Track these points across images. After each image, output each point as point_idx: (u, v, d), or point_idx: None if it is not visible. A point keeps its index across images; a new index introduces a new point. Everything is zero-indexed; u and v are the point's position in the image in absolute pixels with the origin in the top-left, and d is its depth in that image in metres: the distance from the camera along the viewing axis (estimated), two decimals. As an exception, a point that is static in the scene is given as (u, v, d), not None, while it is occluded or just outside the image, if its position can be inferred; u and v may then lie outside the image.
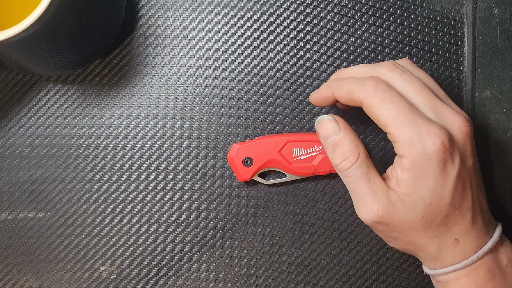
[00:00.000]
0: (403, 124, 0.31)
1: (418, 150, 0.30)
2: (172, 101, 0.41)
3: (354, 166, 0.32)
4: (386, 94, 0.31)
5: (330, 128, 0.33)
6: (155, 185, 0.41)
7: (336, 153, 0.33)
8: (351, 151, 0.32)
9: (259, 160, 0.39)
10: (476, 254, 0.32)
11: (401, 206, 0.32)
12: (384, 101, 0.31)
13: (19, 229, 0.41)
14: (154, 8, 0.40)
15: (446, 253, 0.33)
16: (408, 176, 0.31)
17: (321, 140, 0.34)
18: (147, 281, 0.42)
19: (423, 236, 0.32)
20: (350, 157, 0.32)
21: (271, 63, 0.40)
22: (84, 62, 0.39)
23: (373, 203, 0.32)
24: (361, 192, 0.32)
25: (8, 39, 0.29)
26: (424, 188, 0.31)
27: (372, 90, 0.31)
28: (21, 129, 0.41)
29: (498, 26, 0.40)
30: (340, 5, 0.40)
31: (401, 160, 0.31)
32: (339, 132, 0.33)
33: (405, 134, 0.31)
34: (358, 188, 0.32)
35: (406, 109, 0.31)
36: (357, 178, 0.32)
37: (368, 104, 0.32)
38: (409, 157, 0.31)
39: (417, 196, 0.31)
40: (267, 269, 0.41)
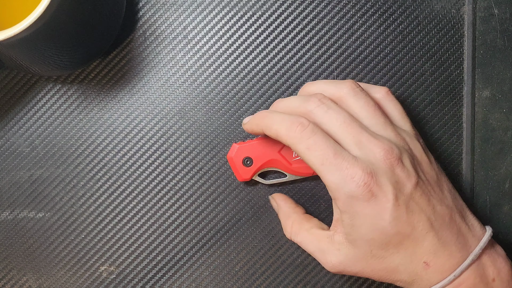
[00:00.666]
0: (328, 170, 0.31)
1: (345, 193, 0.31)
2: (172, 101, 0.41)
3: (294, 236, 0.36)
4: (311, 141, 0.32)
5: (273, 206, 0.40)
6: (155, 185, 0.41)
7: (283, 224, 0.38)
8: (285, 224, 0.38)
9: (259, 160, 0.39)
10: (453, 273, 0.31)
11: (346, 247, 0.33)
12: (309, 149, 0.32)
13: (19, 229, 0.41)
14: (154, 8, 0.40)
15: (420, 277, 0.32)
16: (346, 216, 0.32)
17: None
18: (147, 281, 0.42)
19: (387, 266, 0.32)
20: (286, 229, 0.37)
21: (271, 63, 0.40)
22: (84, 62, 0.39)
23: (326, 258, 0.34)
24: (313, 252, 0.35)
25: (8, 39, 0.30)
26: (362, 226, 0.32)
27: (298, 137, 0.32)
28: (21, 129, 0.41)
29: (498, 26, 0.40)
30: (340, 5, 0.40)
31: (336, 203, 0.32)
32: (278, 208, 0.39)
33: (332, 179, 0.31)
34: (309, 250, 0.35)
35: (331, 154, 0.31)
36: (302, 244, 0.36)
37: (296, 150, 0.32)
38: (340, 199, 0.32)
39: (357, 234, 0.32)
40: (267, 269, 0.41)
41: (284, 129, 0.33)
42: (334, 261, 0.33)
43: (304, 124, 0.32)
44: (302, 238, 0.36)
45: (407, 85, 0.40)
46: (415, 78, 0.40)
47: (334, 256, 0.33)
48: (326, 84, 0.35)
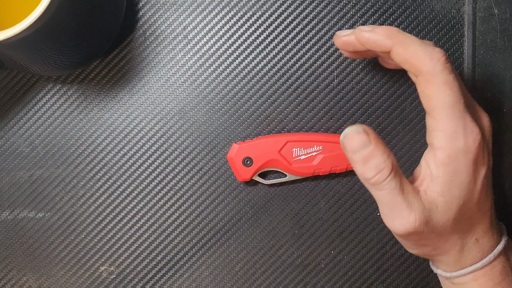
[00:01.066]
0: (454, 114, 0.29)
1: (459, 145, 0.29)
2: (172, 101, 0.41)
3: (389, 178, 0.30)
4: (451, 77, 0.29)
5: (359, 141, 0.30)
6: (155, 185, 0.41)
7: (368, 166, 0.30)
8: (384, 163, 0.30)
9: (259, 160, 0.39)
10: (492, 253, 0.32)
11: (436, 210, 0.30)
12: (446, 85, 0.29)
13: (19, 229, 0.41)
14: (154, 8, 0.40)
15: (467, 253, 0.32)
16: (444, 172, 0.30)
17: (348, 154, 0.31)
18: (147, 281, 0.42)
19: (450, 239, 0.32)
20: (384, 170, 0.30)
21: (271, 63, 0.40)
22: (84, 62, 0.39)
23: (409, 214, 0.30)
24: (395, 204, 0.30)
25: (8, 39, 0.30)
26: (458, 186, 0.30)
27: (441, 67, 0.29)
28: (21, 129, 0.41)
29: (498, 26, 0.40)
30: (340, 5, 0.40)
31: (436, 154, 0.30)
32: (370, 144, 0.30)
33: (451, 125, 0.29)
34: (392, 201, 0.30)
35: (462, 101, 0.30)
36: (391, 191, 0.30)
37: (429, 80, 0.29)
38: (448, 150, 0.30)
39: (451, 196, 0.30)
40: (267, 269, 0.41)
41: (426, 53, 0.30)
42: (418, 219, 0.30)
43: (447, 58, 0.30)
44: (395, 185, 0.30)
45: (407, 85, 0.40)
46: (415, 78, 0.40)
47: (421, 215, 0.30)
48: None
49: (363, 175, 0.30)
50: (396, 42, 0.30)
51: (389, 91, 0.40)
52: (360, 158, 0.30)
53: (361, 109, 0.40)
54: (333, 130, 0.40)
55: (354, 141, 0.30)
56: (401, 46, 0.30)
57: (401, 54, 0.30)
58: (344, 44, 0.33)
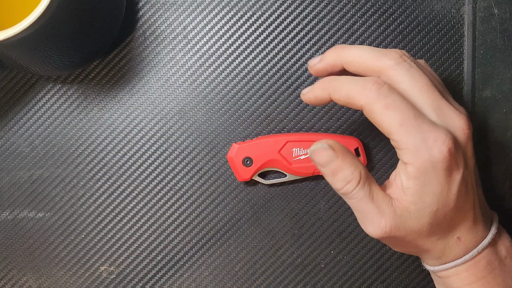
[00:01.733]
0: (408, 131, 0.29)
1: (424, 158, 0.30)
2: (172, 101, 0.41)
3: (357, 188, 0.31)
4: (389, 100, 0.30)
5: (325, 156, 0.31)
6: (155, 185, 0.41)
7: (336, 178, 0.31)
8: (352, 175, 0.31)
9: (259, 160, 0.39)
10: (476, 249, 0.32)
11: (407, 216, 0.31)
12: (387, 108, 0.30)
13: (19, 229, 0.41)
14: (154, 8, 0.40)
15: (448, 252, 0.33)
16: (414, 183, 0.30)
17: (318, 167, 0.32)
18: (147, 281, 0.42)
19: (428, 241, 0.32)
20: (352, 181, 0.31)
21: (271, 63, 0.40)
22: (84, 62, 0.39)
23: (379, 220, 0.31)
24: (366, 211, 0.31)
25: (8, 39, 0.30)
26: (430, 195, 0.30)
27: (375, 96, 0.30)
28: (21, 129, 0.41)
29: (498, 26, 0.40)
30: (340, 5, 0.40)
31: (406, 168, 0.31)
32: (336, 159, 0.31)
33: (411, 142, 0.30)
34: (362, 208, 0.31)
35: (411, 115, 0.30)
36: (360, 199, 0.31)
37: (370, 110, 0.30)
38: (415, 165, 0.30)
39: (423, 204, 0.31)
40: (267, 269, 0.41)
41: (357, 89, 0.30)
42: (390, 225, 0.31)
43: (379, 83, 0.30)
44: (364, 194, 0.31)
45: (407, 85, 0.40)
46: (415, 78, 0.40)
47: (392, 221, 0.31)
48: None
49: (333, 186, 0.32)
50: (330, 91, 0.32)
51: (389, 91, 0.40)
52: (328, 171, 0.31)
53: (361, 109, 0.40)
54: (333, 130, 0.40)
55: (321, 157, 0.31)
56: (335, 93, 0.32)
57: (337, 99, 0.32)
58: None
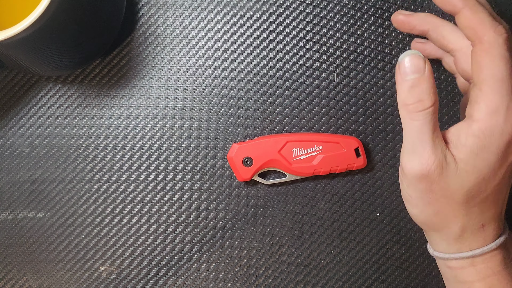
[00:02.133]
0: (502, 90, 0.29)
1: (498, 122, 0.29)
2: (172, 101, 0.41)
3: (427, 110, 0.29)
4: (508, 54, 0.29)
5: (416, 64, 0.30)
6: (155, 185, 0.41)
7: (412, 92, 0.30)
8: (429, 95, 0.29)
9: (259, 160, 0.39)
10: (494, 242, 0.32)
11: (454, 170, 0.30)
12: (502, 59, 0.29)
13: (19, 229, 0.41)
14: (154, 8, 0.40)
15: (468, 235, 0.32)
16: (473, 143, 0.29)
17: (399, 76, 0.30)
18: (147, 281, 0.42)
19: (456, 210, 0.31)
20: (426, 100, 0.29)
21: (271, 63, 0.40)
22: (84, 62, 0.39)
23: (430, 155, 0.30)
24: (421, 140, 0.30)
25: (8, 39, 0.30)
26: (483, 161, 0.30)
27: (501, 41, 0.29)
28: (21, 129, 0.41)
29: (498, 26, 0.40)
30: (340, 5, 0.40)
31: (471, 124, 0.30)
32: (423, 72, 0.29)
33: (496, 100, 0.29)
34: (420, 135, 0.30)
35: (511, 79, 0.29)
36: (424, 124, 0.30)
37: (488, 50, 0.29)
38: (484, 124, 0.29)
39: (473, 167, 0.30)
40: (267, 269, 0.41)
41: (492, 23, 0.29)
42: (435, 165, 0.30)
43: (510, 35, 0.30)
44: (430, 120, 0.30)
45: (407, 85, 0.40)
46: (415, 78, 0.40)
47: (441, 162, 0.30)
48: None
49: (405, 100, 0.30)
50: (467, 4, 0.30)
51: (389, 91, 0.40)
52: (409, 82, 0.30)
53: (361, 109, 0.40)
54: (333, 130, 0.40)
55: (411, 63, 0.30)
56: (471, 10, 0.30)
57: (468, 17, 0.30)
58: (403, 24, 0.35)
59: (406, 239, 0.41)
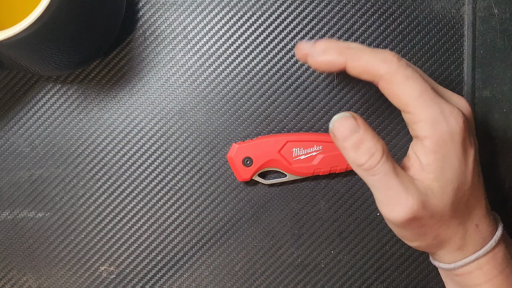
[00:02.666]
0: (426, 103, 0.29)
1: (443, 129, 0.29)
2: (172, 101, 0.41)
3: (382, 162, 0.29)
4: (409, 72, 0.30)
5: (348, 126, 0.30)
6: (155, 185, 0.41)
7: (359, 152, 0.30)
8: (375, 147, 0.29)
9: (259, 160, 0.39)
10: (493, 239, 0.32)
11: (431, 195, 0.30)
12: (408, 79, 0.30)
13: (19, 229, 0.41)
14: (154, 8, 0.40)
15: (469, 240, 0.32)
16: (434, 158, 0.30)
17: (339, 143, 0.31)
18: (147, 281, 0.42)
19: (450, 225, 0.31)
20: (376, 154, 0.29)
21: (271, 63, 0.40)
22: (84, 62, 0.39)
23: (406, 198, 0.29)
24: (391, 188, 0.30)
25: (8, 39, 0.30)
26: (450, 170, 0.30)
27: (396, 66, 0.30)
28: (21, 129, 0.41)
29: (498, 26, 0.40)
30: (340, 5, 0.40)
31: (423, 143, 0.30)
32: (359, 129, 0.30)
33: (429, 113, 0.29)
34: (387, 185, 0.30)
35: (429, 88, 0.30)
36: (385, 174, 0.30)
37: (390, 80, 0.30)
38: (434, 137, 0.29)
39: (445, 180, 0.30)
40: (267, 269, 0.41)
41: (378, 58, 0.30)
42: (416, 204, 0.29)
43: (398, 56, 0.30)
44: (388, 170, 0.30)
45: (407, 85, 0.40)
46: (415, 78, 0.40)
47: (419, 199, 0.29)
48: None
49: (356, 162, 0.30)
50: (348, 57, 0.31)
51: (389, 91, 0.40)
52: (351, 144, 0.30)
53: (361, 109, 0.40)
54: (333, 130, 0.40)
55: (343, 127, 0.30)
56: (354, 61, 0.31)
57: (356, 67, 0.31)
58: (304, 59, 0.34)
59: (406, 239, 0.41)
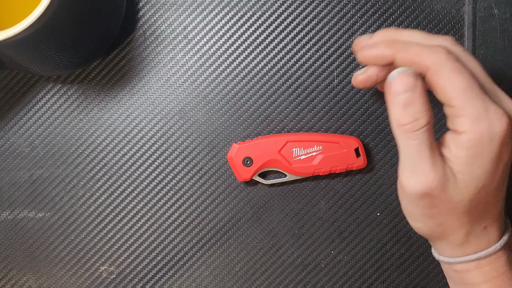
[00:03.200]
0: (471, 98, 0.29)
1: (484, 127, 0.29)
2: (172, 101, 0.41)
3: (424, 129, 0.29)
4: (457, 65, 0.29)
5: (407, 83, 0.29)
6: (155, 185, 0.41)
7: (407, 111, 0.29)
8: (424, 113, 0.29)
9: (259, 160, 0.39)
10: (498, 243, 0.32)
11: (454, 183, 0.30)
12: (454, 72, 0.29)
13: (19, 229, 0.41)
14: (154, 8, 0.40)
15: (472, 239, 0.32)
16: (466, 154, 0.29)
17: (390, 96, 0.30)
18: (147, 281, 0.42)
19: (459, 219, 0.31)
20: (421, 119, 0.29)
21: (271, 63, 0.40)
22: (84, 62, 0.39)
23: (430, 172, 0.29)
24: (421, 158, 0.30)
25: (8, 39, 0.30)
26: (480, 169, 0.29)
27: (444, 58, 0.29)
28: (21, 129, 0.41)
29: (498, 26, 0.40)
30: (340, 5, 0.40)
31: (460, 137, 0.29)
32: (416, 90, 0.29)
33: (473, 108, 0.29)
34: (419, 154, 0.30)
35: (476, 83, 0.29)
36: (422, 143, 0.29)
37: (437, 72, 0.29)
38: (471, 134, 0.29)
39: (471, 176, 0.30)
40: (267, 269, 0.41)
41: (426, 50, 0.30)
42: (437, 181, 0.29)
43: (447, 49, 0.30)
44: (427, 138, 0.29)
45: (407, 85, 0.40)
46: (415, 78, 0.40)
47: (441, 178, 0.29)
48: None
49: (400, 120, 0.30)
50: (397, 49, 0.31)
51: (389, 91, 0.40)
52: (402, 101, 0.29)
53: (361, 109, 0.40)
54: (333, 130, 0.40)
55: (401, 82, 0.29)
56: (402, 51, 0.31)
57: (405, 59, 0.30)
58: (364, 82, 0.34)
59: (406, 239, 0.41)
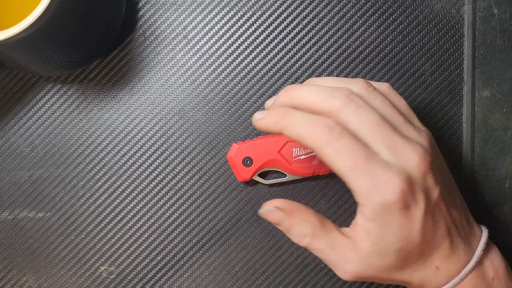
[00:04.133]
0: (360, 175, 0.29)
1: (378, 201, 0.29)
2: (172, 101, 0.41)
3: (312, 241, 0.32)
4: (340, 144, 0.29)
5: (275, 217, 0.33)
6: (155, 185, 0.41)
7: (291, 235, 0.33)
8: (305, 230, 0.32)
9: (259, 160, 0.39)
10: (458, 276, 0.31)
11: (373, 256, 0.31)
12: (338, 152, 0.29)
13: (19, 229, 0.41)
14: (154, 8, 0.40)
15: (429, 280, 0.32)
16: (373, 225, 0.30)
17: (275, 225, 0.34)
18: (147, 281, 0.42)
19: (404, 274, 0.32)
20: (306, 236, 0.32)
21: (271, 63, 0.40)
22: (84, 62, 0.39)
23: (344, 266, 0.31)
24: (329, 259, 0.32)
25: (8, 39, 0.30)
26: (391, 235, 0.30)
27: (325, 139, 0.29)
28: (21, 129, 0.41)
29: (498, 26, 0.40)
30: (340, 5, 0.40)
31: (363, 210, 0.30)
32: (286, 217, 0.33)
33: (363, 185, 0.29)
34: (326, 257, 0.32)
35: (362, 158, 0.29)
36: (320, 250, 0.32)
37: (321, 154, 0.30)
38: (370, 207, 0.29)
39: (385, 244, 0.30)
40: (267, 269, 0.41)
41: (308, 131, 0.30)
42: (356, 269, 0.31)
43: (330, 126, 0.29)
44: (323, 245, 0.32)
45: (407, 85, 0.40)
46: (415, 78, 0.40)
47: (358, 265, 0.31)
48: (335, 81, 0.33)
49: (293, 241, 0.33)
50: (282, 126, 0.31)
51: (389, 91, 0.40)
52: (283, 228, 0.33)
53: (361, 109, 0.40)
54: (333, 130, 0.40)
55: (272, 218, 0.33)
56: (287, 130, 0.31)
57: (289, 137, 0.31)
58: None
59: (406, 239, 0.41)
